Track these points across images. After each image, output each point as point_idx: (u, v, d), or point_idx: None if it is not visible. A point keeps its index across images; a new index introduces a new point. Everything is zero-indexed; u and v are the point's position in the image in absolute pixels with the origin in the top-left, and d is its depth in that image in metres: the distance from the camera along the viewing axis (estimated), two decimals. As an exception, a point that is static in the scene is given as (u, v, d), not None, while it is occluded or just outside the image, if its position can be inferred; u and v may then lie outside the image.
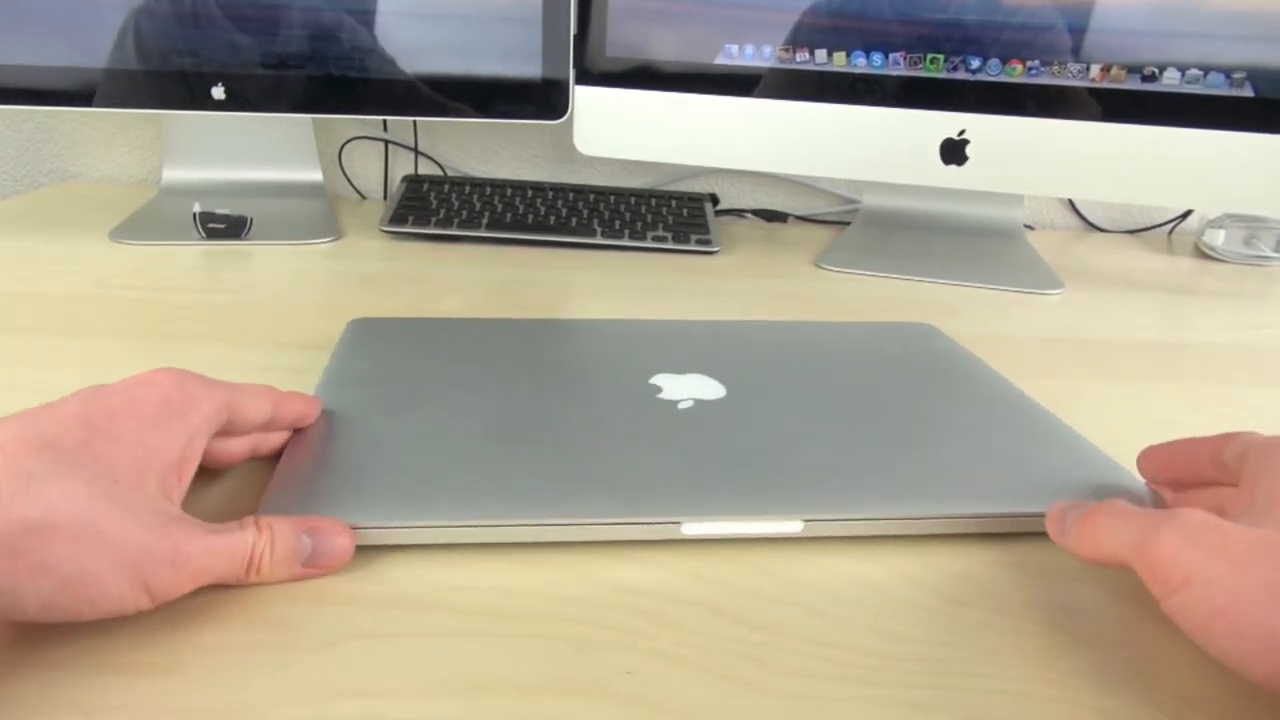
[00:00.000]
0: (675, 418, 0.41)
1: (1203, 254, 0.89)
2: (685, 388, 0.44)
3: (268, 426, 0.37)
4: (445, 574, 0.32)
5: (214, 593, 0.30)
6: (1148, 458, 0.37)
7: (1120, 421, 0.48)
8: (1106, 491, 0.36)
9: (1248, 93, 0.69)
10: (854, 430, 0.41)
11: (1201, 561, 0.26)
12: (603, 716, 0.26)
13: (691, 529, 0.33)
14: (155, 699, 0.26)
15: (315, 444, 0.38)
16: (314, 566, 0.31)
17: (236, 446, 0.36)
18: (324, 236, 0.78)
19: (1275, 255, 0.85)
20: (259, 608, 0.30)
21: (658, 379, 0.45)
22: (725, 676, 0.28)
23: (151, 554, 0.27)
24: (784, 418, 0.41)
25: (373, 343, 0.49)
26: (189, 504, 0.32)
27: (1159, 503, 0.37)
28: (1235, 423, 0.49)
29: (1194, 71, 0.70)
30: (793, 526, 0.34)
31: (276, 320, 0.58)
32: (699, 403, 0.42)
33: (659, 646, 0.29)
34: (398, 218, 0.80)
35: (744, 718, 0.26)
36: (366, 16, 0.77)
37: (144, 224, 0.78)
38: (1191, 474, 0.35)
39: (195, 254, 0.72)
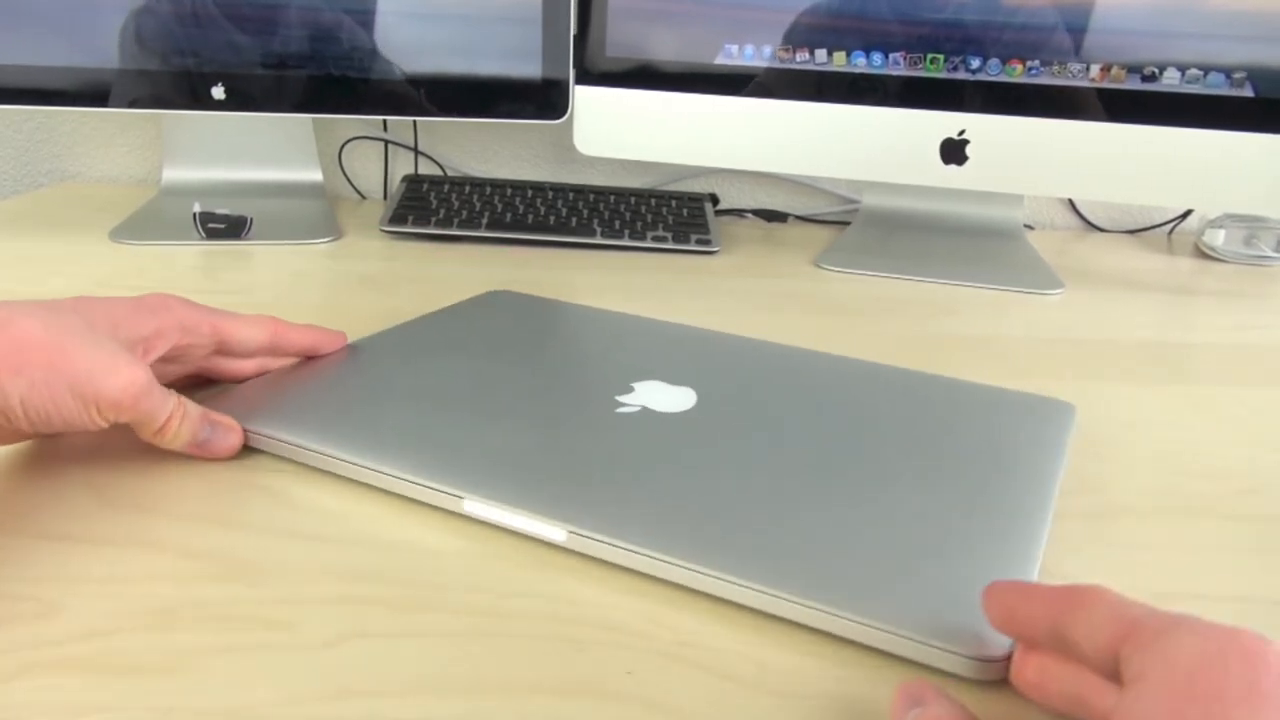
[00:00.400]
0: (609, 420, 0.41)
1: (1203, 254, 0.89)
2: (654, 397, 0.44)
3: (271, 351, 0.44)
4: (449, 575, 0.32)
5: (213, 593, 0.30)
6: (991, 600, 0.28)
7: (1121, 422, 0.48)
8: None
9: (1248, 93, 0.69)
10: (786, 479, 0.37)
11: None
12: (603, 716, 0.26)
13: (471, 507, 0.35)
14: (155, 699, 0.26)
15: (298, 368, 0.45)
16: (204, 450, 0.38)
17: (240, 366, 0.44)
18: (324, 236, 0.78)
19: (1275, 255, 0.85)
20: (259, 607, 0.30)
21: (643, 383, 0.45)
22: (725, 676, 0.28)
23: (99, 367, 0.34)
24: (741, 449, 0.39)
25: (477, 310, 0.56)
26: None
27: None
28: (1236, 422, 0.49)
29: (1194, 71, 0.70)
30: (556, 533, 0.33)
31: (276, 320, 0.57)
32: (646, 411, 0.42)
33: (659, 646, 0.29)
34: (398, 218, 0.80)
35: (744, 717, 0.26)
36: (366, 16, 0.77)
37: (144, 224, 0.78)
38: (1034, 636, 0.27)
39: (195, 254, 0.72)
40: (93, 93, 0.75)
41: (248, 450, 0.39)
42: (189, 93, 0.76)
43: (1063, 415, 0.45)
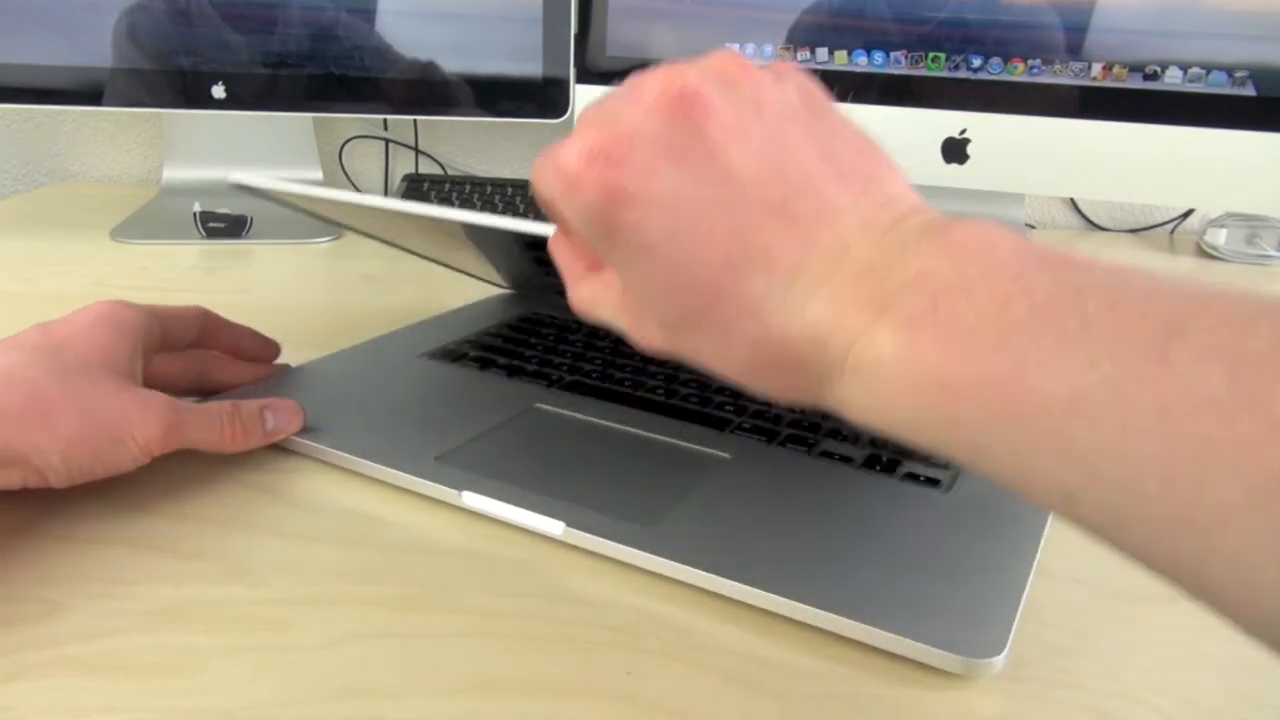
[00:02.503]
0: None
1: (1204, 253, 0.89)
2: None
3: (198, 344, 0.42)
4: (445, 577, 0.32)
5: (214, 593, 0.30)
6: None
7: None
8: None
9: (1250, 92, 0.69)
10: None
11: None
12: (603, 716, 0.26)
13: (470, 500, 0.35)
14: (156, 699, 0.26)
15: (304, 370, 0.46)
16: (276, 438, 0.38)
17: (239, 372, 0.43)
18: (324, 236, 0.78)
19: (1277, 254, 0.85)
20: (259, 607, 0.30)
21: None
22: (725, 676, 0.28)
23: (131, 411, 0.33)
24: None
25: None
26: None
27: None
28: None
29: (1196, 70, 0.70)
30: (554, 527, 0.34)
31: (276, 320, 0.57)
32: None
33: (659, 646, 0.29)
34: (398, 217, 0.80)
35: (744, 717, 0.26)
36: (367, 15, 0.77)
37: (144, 223, 0.78)
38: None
39: (195, 253, 0.72)
40: (93, 92, 0.75)
41: (249, 449, 0.39)
42: (189, 92, 0.76)
43: None
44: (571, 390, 0.45)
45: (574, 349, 0.51)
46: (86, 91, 0.75)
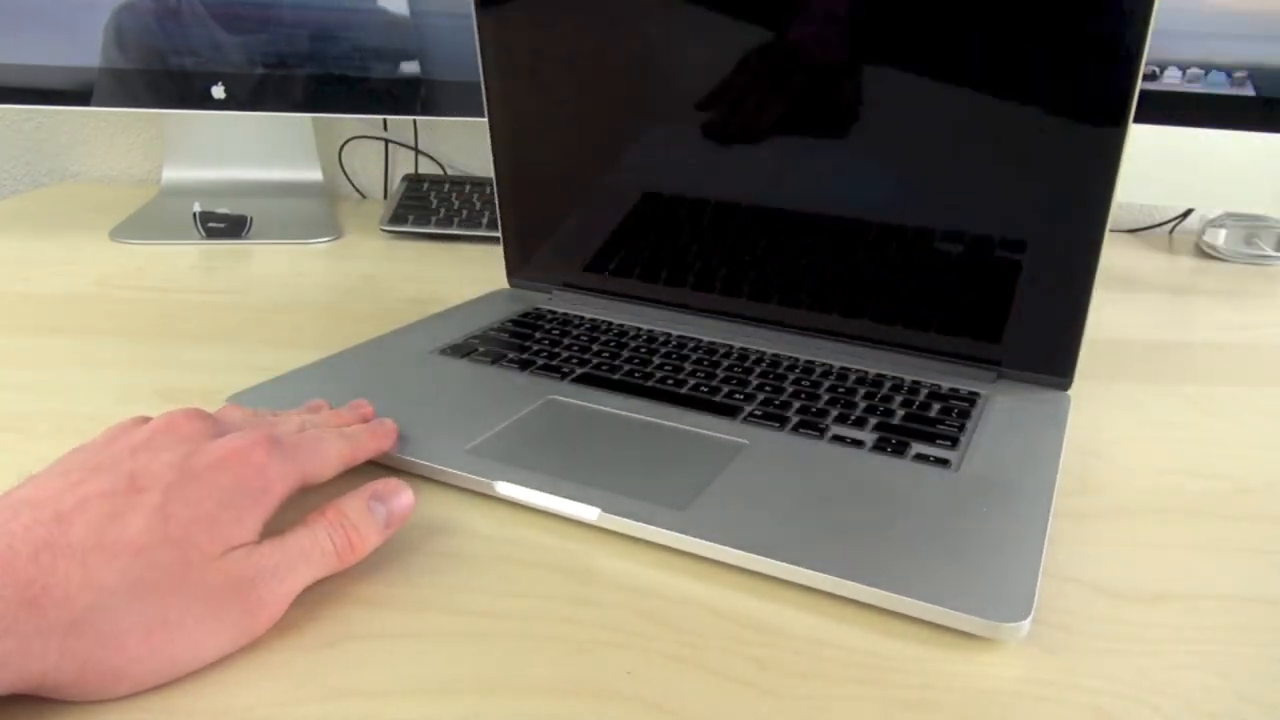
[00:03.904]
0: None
1: (1203, 253, 0.89)
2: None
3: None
4: (449, 575, 0.32)
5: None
6: None
7: (1121, 421, 0.48)
8: None
9: (1249, 92, 0.69)
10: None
11: None
12: (603, 716, 0.26)
13: (505, 489, 0.36)
14: (156, 699, 0.26)
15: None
16: (396, 525, 0.33)
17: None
18: (324, 236, 0.78)
19: (1276, 254, 0.85)
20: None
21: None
22: (725, 676, 0.28)
23: (238, 618, 0.27)
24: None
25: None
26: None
27: None
28: (1236, 422, 0.49)
29: (1195, 70, 0.70)
30: (589, 513, 0.34)
31: (276, 320, 0.58)
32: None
33: (659, 646, 0.29)
34: (398, 217, 0.80)
35: (744, 718, 0.26)
36: (366, 15, 0.77)
37: (144, 224, 0.78)
38: None
39: (195, 254, 0.72)
40: (92, 93, 0.75)
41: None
42: (189, 92, 0.76)
43: (1060, 405, 0.46)
44: (583, 382, 0.46)
45: (579, 342, 0.51)
46: (87, 92, 0.75)
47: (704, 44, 0.49)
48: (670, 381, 0.46)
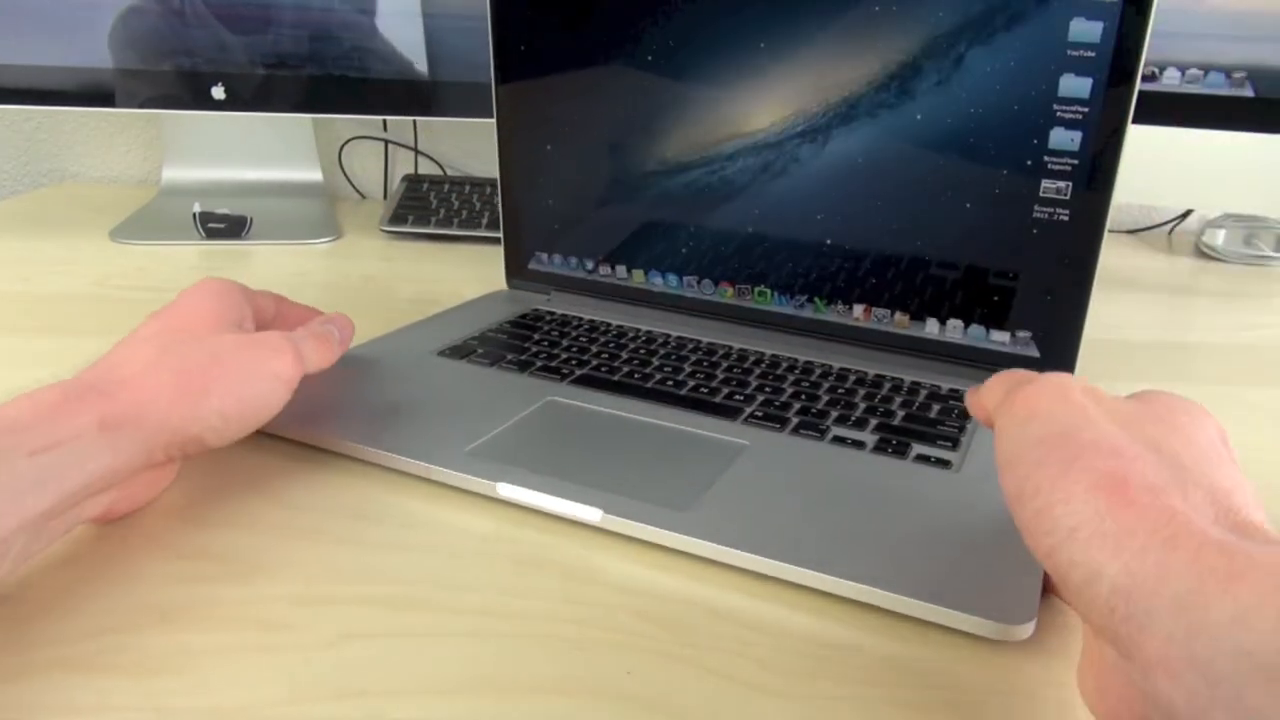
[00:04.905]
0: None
1: (1203, 254, 0.89)
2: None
3: (273, 324, 0.43)
4: (448, 575, 0.32)
5: (214, 593, 0.30)
6: (969, 396, 0.34)
7: (1120, 421, 0.48)
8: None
9: (1248, 92, 0.69)
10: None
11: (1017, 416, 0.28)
12: (603, 716, 0.26)
13: (505, 490, 0.36)
14: (155, 699, 0.26)
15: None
16: (345, 343, 0.42)
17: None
18: (324, 236, 0.78)
19: (1275, 255, 0.85)
20: (259, 607, 0.30)
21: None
22: (726, 676, 0.28)
23: (264, 354, 0.35)
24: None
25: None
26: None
27: None
28: (1236, 422, 0.49)
29: (1194, 71, 0.70)
30: (592, 514, 0.34)
31: (276, 320, 0.57)
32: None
33: (659, 646, 0.29)
34: (398, 217, 0.80)
35: (744, 718, 0.26)
36: (366, 16, 0.77)
37: (144, 224, 0.78)
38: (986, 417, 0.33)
39: (195, 254, 0.72)
40: (93, 93, 0.75)
41: (249, 450, 0.39)
42: (189, 93, 0.76)
43: None
44: (582, 383, 0.46)
45: (578, 343, 0.51)
46: (86, 92, 0.75)
47: (713, 51, 0.49)
48: (670, 382, 0.46)
